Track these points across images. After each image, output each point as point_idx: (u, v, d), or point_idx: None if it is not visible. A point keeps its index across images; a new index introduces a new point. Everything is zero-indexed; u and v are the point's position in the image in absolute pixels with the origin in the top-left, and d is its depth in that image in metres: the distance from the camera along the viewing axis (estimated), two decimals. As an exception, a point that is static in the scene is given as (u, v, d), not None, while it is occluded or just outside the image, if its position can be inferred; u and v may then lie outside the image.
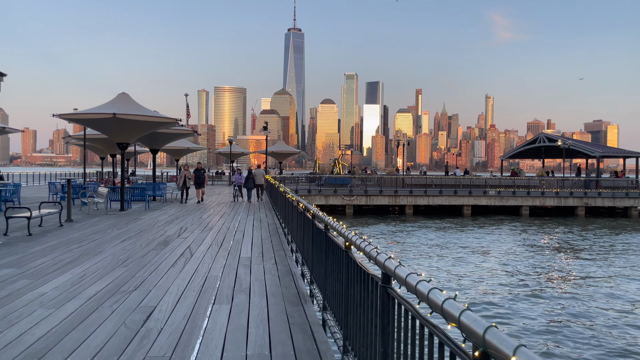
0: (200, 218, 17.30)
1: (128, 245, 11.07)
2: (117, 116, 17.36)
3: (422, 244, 26.27)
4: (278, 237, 12.89)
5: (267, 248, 11.00)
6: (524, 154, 67.30)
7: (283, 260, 9.45)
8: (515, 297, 15.39)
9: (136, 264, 8.94)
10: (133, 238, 12.26)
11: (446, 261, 21.52)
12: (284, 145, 61.67)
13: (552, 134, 63.63)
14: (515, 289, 16.42)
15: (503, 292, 15.97)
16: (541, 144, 60.70)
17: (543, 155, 66.67)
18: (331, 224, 5.01)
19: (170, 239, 12.12)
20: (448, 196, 42.89)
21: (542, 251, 24.91)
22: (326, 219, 5.43)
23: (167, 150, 50.55)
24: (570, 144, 49.90)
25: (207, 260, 9.44)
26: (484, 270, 19.76)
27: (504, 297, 15.41)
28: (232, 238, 12.48)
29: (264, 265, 9.00)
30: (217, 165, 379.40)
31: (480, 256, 23.02)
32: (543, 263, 21.62)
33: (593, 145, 58.81)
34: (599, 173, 53.20)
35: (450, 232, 32.14)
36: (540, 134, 60.82)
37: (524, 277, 18.45)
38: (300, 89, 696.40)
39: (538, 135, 61.14)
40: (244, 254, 10.13)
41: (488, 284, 17.29)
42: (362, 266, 3.70)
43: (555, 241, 28.74)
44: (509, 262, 21.48)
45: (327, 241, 5.49)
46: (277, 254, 10.18)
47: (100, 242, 11.60)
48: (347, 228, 4.34)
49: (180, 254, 10.11)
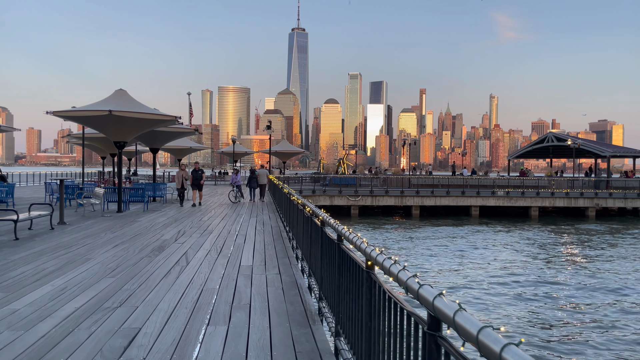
0: (200, 220, 16.45)
1: (120, 252, 10.23)
2: (113, 113, 16.54)
3: (434, 247, 25.35)
4: (282, 242, 12.03)
5: (270, 255, 10.14)
6: (532, 153, 66.20)
7: (288, 270, 8.58)
8: (527, 303, 14.50)
9: (125, 274, 8.09)
10: (127, 243, 11.42)
11: (465, 267, 20.60)
12: (287, 144, 60.72)
13: (560, 133, 62.36)
14: (526, 294, 15.51)
15: (516, 300, 15.07)
16: (549, 143, 59.63)
17: (551, 155, 65.58)
18: (347, 235, 4.14)
19: (166, 244, 11.27)
20: (455, 197, 41.93)
21: (556, 254, 23.96)
22: (340, 228, 4.56)
23: (169, 149, 49.76)
24: (580, 143, 48.85)
25: (204, 269, 8.58)
26: (499, 274, 18.84)
27: (519, 305, 14.51)
28: (233, 243, 11.62)
29: (267, 275, 8.14)
30: (220, 165, 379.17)
31: (493, 259, 22.10)
32: (557, 267, 20.69)
33: (603, 145, 57.70)
34: (609, 173, 52.12)
35: (460, 234, 31.20)
36: (549, 134, 59.75)
37: (535, 282, 17.54)
38: (304, 89, 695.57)
39: (546, 134, 60.07)
40: (244, 262, 9.27)
41: (502, 290, 16.38)
42: (394, 297, 2.82)
43: (569, 244, 27.77)
44: (521, 266, 20.55)
45: (341, 255, 4.62)
46: (281, 262, 9.32)
47: (91, 247, 10.76)
48: (367, 242, 3.46)
49: (175, 261, 9.26)
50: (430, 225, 36.07)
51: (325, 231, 5.67)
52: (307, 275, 7.91)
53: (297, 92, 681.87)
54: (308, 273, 7.63)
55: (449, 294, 2.63)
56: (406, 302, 2.75)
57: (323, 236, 5.86)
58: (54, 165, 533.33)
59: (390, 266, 2.76)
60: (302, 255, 8.83)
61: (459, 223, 37.36)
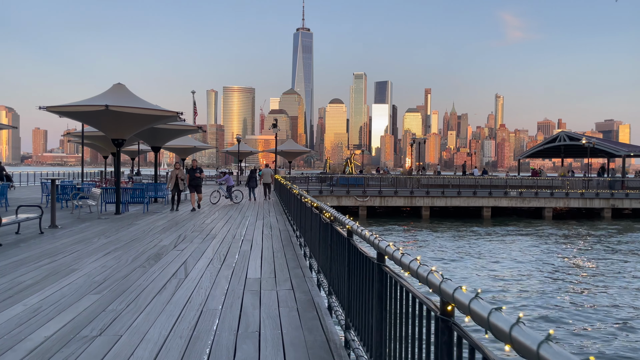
0: (202, 224, 15.30)
1: (111, 260, 9.08)
2: (110, 108, 15.40)
3: (446, 250, 24.10)
4: (292, 248, 10.87)
5: (280, 264, 8.96)
6: (543, 153, 64.82)
7: (301, 284, 7.40)
8: (545, 307, 13.29)
9: (113, 289, 6.94)
10: (120, 250, 10.28)
11: (478, 270, 19.37)
12: (293, 144, 59.46)
13: (573, 132, 60.93)
14: (544, 298, 14.29)
15: (533, 303, 13.85)
16: (561, 142, 58.27)
17: (562, 154, 64.17)
18: (396, 255, 2.94)
19: (163, 252, 10.12)
20: (467, 197, 40.67)
21: (576, 257, 22.68)
22: (381, 244, 3.37)
23: (172, 148, 48.70)
24: (595, 142, 47.43)
25: (205, 283, 7.41)
26: (514, 277, 17.60)
27: (537, 309, 13.29)
28: (238, 250, 10.45)
29: (278, 291, 6.96)
30: (225, 165, 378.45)
31: (507, 261, 20.86)
32: (577, 270, 19.43)
33: (617, 144, 56.23)
34: (624, 173, 50.70)
35: (472, 236, 29.93)
36: (561, 133, 58.39)
37: (554, 286, 16.30)
38: (308, 89, 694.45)
39: (558, 133, 58.70)
40: (251, 274, 8.10)
41: (518, 293, 15.16)
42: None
43: (589, 247, 26.45)
44: (540, 269, 19.31)
45: (385, 281, 3.43)
46: (293, 273, 8.15)
47: (80, 255, 9.63)
48: (442, 276, 2.28)
49: (172, 273, 8.10)
50: (441, 226, 34.85)
51: (356, 246, 4.48)
52: (325, 291, 6.73)
53: (301, 92, 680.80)
54: (328, 291, 6.43)
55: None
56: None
57: (351, 251, 4.68)
58: (59, 165, 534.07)
59: (490, 315, 1.57)
60: (319, 267, 7.64)
61: (470, 224, 36.13)
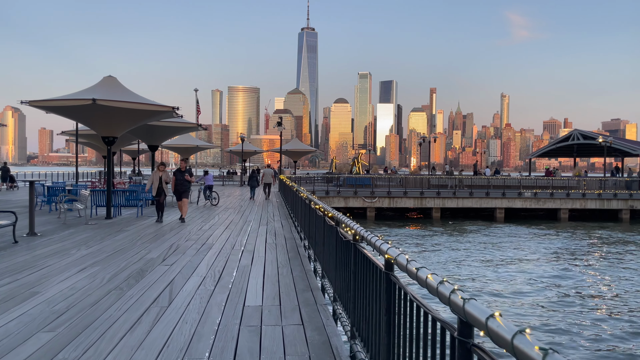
0: (199, 230, 13.80)
1: (83, 280, 7.57)
2: (97, 102, 13.91)
3: (459, 253, 22.48)
4: (300, 260, 9.34)
5: (286, 285, 7.42)
6: (555, 152, 63.00)
7: (313, 316, 5.84)
8: (567, 319, 11.70)
9: (73, 325, 5.42)
10: (99, 264, 8.78)
11: (496, 275, 17.74)
12: (298, 143, 57.93)
13: (587, 131, 59.12)
14: (566, 309, 12.69)
15: (554, 315, 12.25)
16: (574, 141, 56.48)
17: (575, 153, 62.31)
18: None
19: (149, 267, 8.61)
20: (479, 198, 39.03)
21: (596, 262, 21.02)
22: (466, 305, 1.83)
23: (173, 148, 47.37)
24: (612, 141, 45.62)
25: (191, 314, 5.88)
26: (534, 285, 15.99)
27: (557, 323, 11.68)
28: (237, 265, 8.92)
29: (283, 327, 5.42)
30: (230, 164, 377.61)
31: (525, 267, 19.23)
32: (598, 276, 17.76)
33: (634, 143, 54.32)
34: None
35: (486, 238, 28.29)
36: (574, 131, 56.56)
37: (577, 295, 14.68)
38: (313, 89, 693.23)
39: (571, 132, 56.91)
40: (251, 299, 6.56)
41: (537, 303, 13.55)
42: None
43: (610, 251, 24.76)
44: (561, 276, 17.67)
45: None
46: (302, 299, 6.61)
47: (49, 271, 8.13)
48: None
49: (153, 298, 6.57)
50: (453, 228, 33.25)
51: (396, 282, 2.93)
52: (344, 328, 5.18)
53: (306, 91, 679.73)
54: (350, 333, 4.86)
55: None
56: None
57: (389, 290, 3.13)
58: (65, 165, 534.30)
59: None
60: (335, 294, 6.09)
61: (483, 226, 34.54)
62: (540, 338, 10.95)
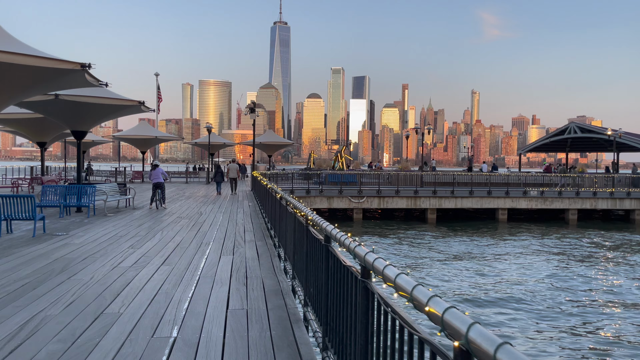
0: (112, 269, 8.14)
1: None
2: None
3: (461, 263, 17.38)
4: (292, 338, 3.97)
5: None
6: (548, 146, 59.02)
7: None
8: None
9: None
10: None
11: (499, 289, 12.68)
12: (273, 135, 51.76)
13: (585, 124, 55.22)
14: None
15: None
16: (570, 135, 52.42)
17: (568, 148, 58.49)
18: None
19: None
20: (480, 197, 34.26)
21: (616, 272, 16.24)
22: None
23: (129, 139, 41.04)
24: (621, 134, 41.49)
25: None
26: (543, 301, 11.05)
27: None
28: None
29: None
30: (201, 160, 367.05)
31: (534, 280, 14.30)
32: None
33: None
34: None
35: (491, 244, 23.30)
36: (571, 124, 52.46)
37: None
38: (286, 83, 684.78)
39: (568, 125, 52.81)
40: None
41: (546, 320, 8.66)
42: None
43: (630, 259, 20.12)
44: (576, 293, 12.79)
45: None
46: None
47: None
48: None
49: None
50: (452, 233, 28.33)
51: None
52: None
53: (279, 86, 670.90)
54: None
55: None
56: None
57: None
58: (29, 160, 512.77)
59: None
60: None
61: (486, 230, 29.92)
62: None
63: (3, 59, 8.96)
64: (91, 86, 12.33)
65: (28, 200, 11.12)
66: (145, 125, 41.24)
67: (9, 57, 9.12)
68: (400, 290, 2.04)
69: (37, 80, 10.31)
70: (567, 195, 35.18)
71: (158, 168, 19.12)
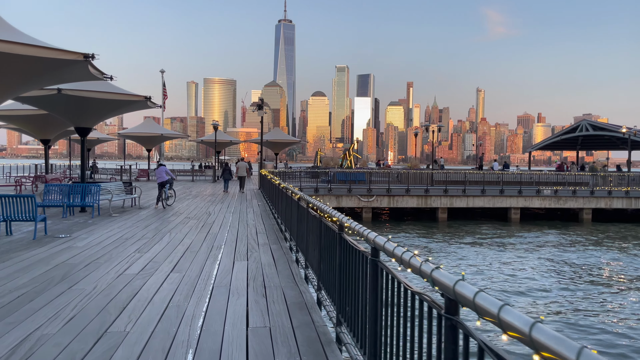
0: (118, 276, 7.48)
1: None
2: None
3: (479, 267, 16.62)
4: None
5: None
6: (558, 144, 57.97)
7: None
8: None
9: None
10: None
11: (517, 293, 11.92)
12: (280, 132, 50.87)
13: (597, 121, 54.25)
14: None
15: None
16: (582, 132, 51.45)
17: (579, 146, 57.49)
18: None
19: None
20: (492, 196, 33.53)
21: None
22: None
23: (135, 137, 40.47)
24: (636, 131, 40.54)
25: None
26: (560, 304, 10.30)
27: None
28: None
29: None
30: (206, 158, 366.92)
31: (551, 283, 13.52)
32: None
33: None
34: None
35: (505, 244, 22.50)
36: (583, 122, 51.47)
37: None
38: (290, 81, 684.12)
39: (580, 122, 51.81)
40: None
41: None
42: None
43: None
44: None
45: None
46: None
47: None
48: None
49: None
50: (464, 232, 27.58)
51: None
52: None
53: (284, 84, 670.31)
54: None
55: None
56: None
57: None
58: (35, 158, 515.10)
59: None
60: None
61: (499, 229, 29.16)
62: None
63: (1, 49, 8.30)
64: (95, 79, 11.69)
65: (28, 201, 10.48)
66: (150, 122, 40.62)
67: (8, 46, 8.46)
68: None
69: (37, 72, 9.62)
70: (582, 195, 34.39)
71: (161, 167, 18.55)
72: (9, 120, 23.48)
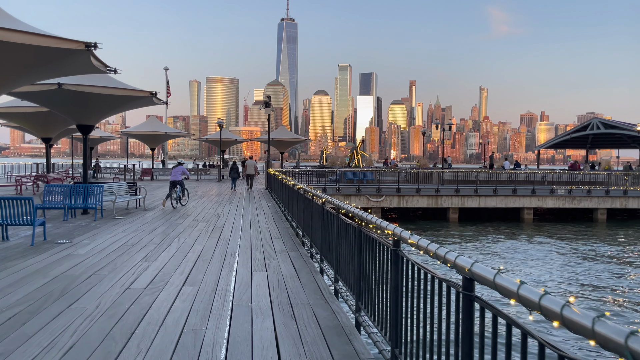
0: (122, 291, 6.68)
1: None
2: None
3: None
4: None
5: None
6: (568, 143, 57.05)
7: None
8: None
9: None
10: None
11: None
12: (285, 131, 50.00)
13: (608, 120, 53.31)
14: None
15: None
16: (592, 131, 50.53)
17: (589, 144, 56.58)
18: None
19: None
20: (505, 196, 32.68)
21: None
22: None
23: (138, 135, 39.70)
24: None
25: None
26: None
27: None
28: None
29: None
30: (209, 156, 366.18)
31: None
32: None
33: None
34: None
35: (520, 246, 21.60)
36: (594, 120, 50.57)
37: None
38: (293, 80, 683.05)
39: (590, 120, 50.91)
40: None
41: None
42: None
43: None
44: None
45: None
46: None
47: None
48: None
49: None
50: (477, 233, 26.71)
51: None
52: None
53: (286, 83, 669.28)
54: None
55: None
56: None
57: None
58: (38, 157, 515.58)
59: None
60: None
61: (512, 230, 28.31)
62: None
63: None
64: (98, 72, 10.87)
65: (26, 203, 9.67)
66: (154, 121, 39.86)
67: (2, 34, 7.62)
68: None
69: (35, 63, 8.76)
70: (597, 194, 33.51)
71: (179, 166, 18.11)
72: (9, 118, 22.72)
